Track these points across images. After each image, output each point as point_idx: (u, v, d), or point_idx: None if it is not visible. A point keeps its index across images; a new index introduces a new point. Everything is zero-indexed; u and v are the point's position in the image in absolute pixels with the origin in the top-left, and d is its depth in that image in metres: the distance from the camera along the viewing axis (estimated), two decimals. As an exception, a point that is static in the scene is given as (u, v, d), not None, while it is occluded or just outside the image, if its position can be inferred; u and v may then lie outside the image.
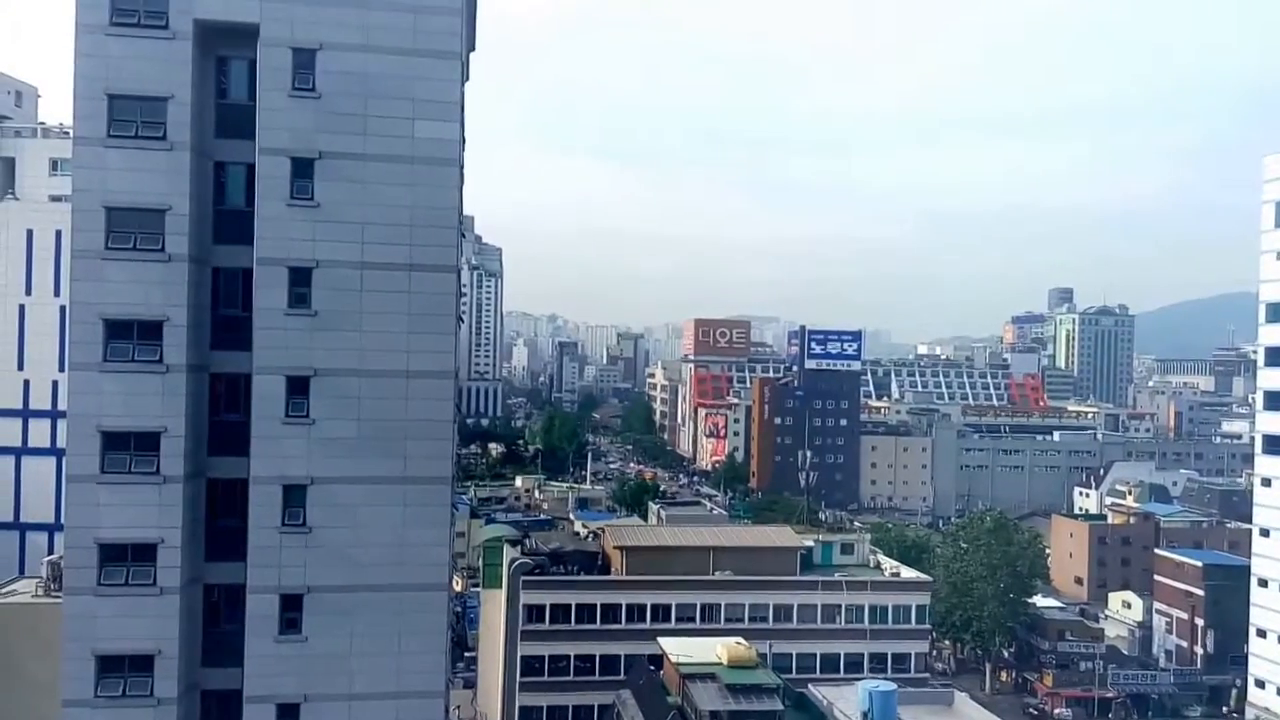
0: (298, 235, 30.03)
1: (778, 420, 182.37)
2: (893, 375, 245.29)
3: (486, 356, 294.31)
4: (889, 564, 75.77)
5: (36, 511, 74.36)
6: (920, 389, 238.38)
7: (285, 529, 29.90)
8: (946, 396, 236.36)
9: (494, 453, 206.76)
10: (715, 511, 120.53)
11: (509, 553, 67.91)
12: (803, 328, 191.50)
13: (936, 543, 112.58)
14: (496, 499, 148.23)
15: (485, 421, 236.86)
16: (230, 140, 30.50)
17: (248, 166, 30.46)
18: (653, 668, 57.29)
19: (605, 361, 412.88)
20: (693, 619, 65.95)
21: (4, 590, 42.82)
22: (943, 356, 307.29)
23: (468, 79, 34.05)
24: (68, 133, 68.56)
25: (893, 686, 51.96)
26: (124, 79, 28.99)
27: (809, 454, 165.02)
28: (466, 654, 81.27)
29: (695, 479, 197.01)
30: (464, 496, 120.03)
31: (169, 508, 29.09)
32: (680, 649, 53.50)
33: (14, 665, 36.54)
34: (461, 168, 32.40)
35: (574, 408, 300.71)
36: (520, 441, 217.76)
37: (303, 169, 30.09)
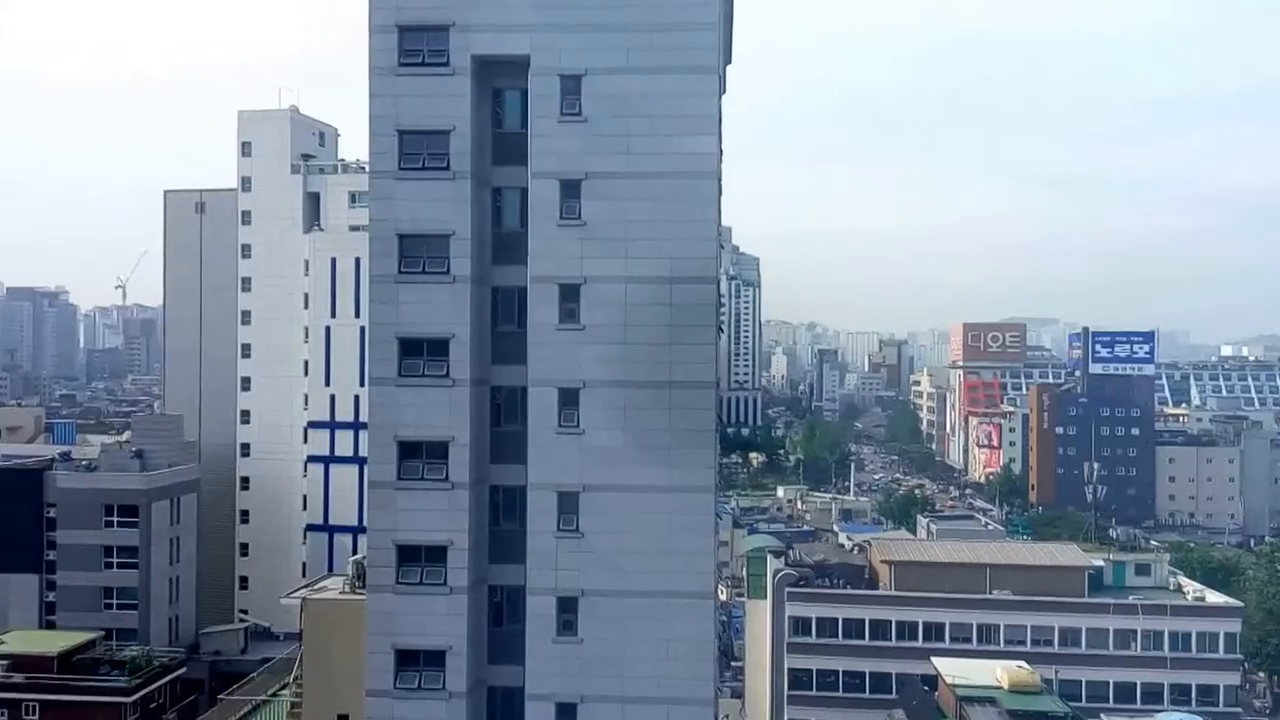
0: (567, 254, 31.28)
1: (1059, 430, 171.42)
2: (1192, 379, 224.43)
3: (746, 366, 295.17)
4: (1191, 586, 69.03)
5: (343, 514, 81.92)
6: (1225, 394, 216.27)
7: (560, 534, 31.12)
8: (1256, 402, 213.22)
9: (755, 462, 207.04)
10: (990, 527, 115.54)
11: (773, 563, 67.67)
12: (1086, 329, 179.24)
13: (1248, 564, 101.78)
14: (758, 509, 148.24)
15: (745, 431, 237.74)
16: (505, 166, 32.27)
17: (521, 190, 32.09)
18: (926, 688, 55.17)
19: (867, 369, 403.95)
20: (968, 639, 62.95)
21: (316, 586, 47.31)
22: (1251, 358, 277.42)
23: (724, 91, 34.31)
24: (364, 168, 75.33)
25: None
26: (412, 115, 31.35)
27: (1096, 466, 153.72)
28: (733, 663, 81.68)
29: (967, 492, 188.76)
30: (726, 506, 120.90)
31: (457, 512, 31.01)
32: (956, 670, 51.18)
33: (324, 656, 40.19)
34: (720, 180, 32.67)
35: (835, 417, 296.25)
36: (781, 451, 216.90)
37: (571, 190, 31.34)
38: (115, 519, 72.97)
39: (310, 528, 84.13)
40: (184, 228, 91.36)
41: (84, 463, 79.35)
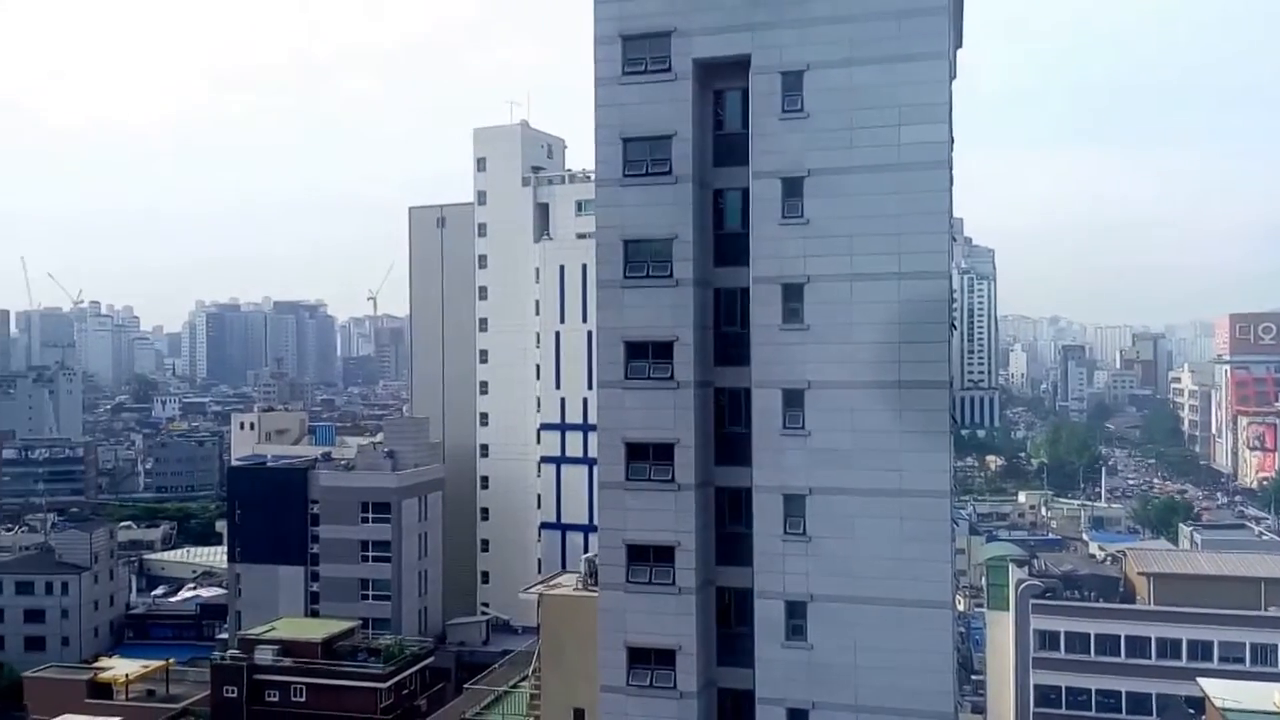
0: (789, 253, 30.78)
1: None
2: None
3: (981, 364, 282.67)
4: None
5: (574, 513, 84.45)
6: None
7: (787, 537, 30.66)
8: None
9: (992, 465, 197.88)
10: (1264, 537, 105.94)
11: (1015, 573, 64.36)
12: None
13: None
14: (997, 515, 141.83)
15: (981, 432, 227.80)
16: (726, 168, 32.17)
17: (743, 191, 31.86)
18: (1191, 711, 50.81)
19: (1118, 366, 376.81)
20: (1240, 660, 57.51)
21: (551, 583, 48.85)
22: None
23: (954, 77, 32.78)
24: (589, 177, 77.41)
25: None
26: (635, 122, 31.82)
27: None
28: (973, 677, 78.17)
29: (1236, 499, 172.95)
30: (963, 511, 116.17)
31: (684, 513, 31.19)
32: (1227, 693, 46.81)
33: (560, 651, 41.35)
34: (950, 169, 31.21)
35: (1082, 417, 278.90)
36: (1021, 454, 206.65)
37: (793, 188, 30.81)
38: (370, 515, 78.53)
39: (544, 526, 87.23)
40: (427, 241, 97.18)
41: (342, 463, 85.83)
